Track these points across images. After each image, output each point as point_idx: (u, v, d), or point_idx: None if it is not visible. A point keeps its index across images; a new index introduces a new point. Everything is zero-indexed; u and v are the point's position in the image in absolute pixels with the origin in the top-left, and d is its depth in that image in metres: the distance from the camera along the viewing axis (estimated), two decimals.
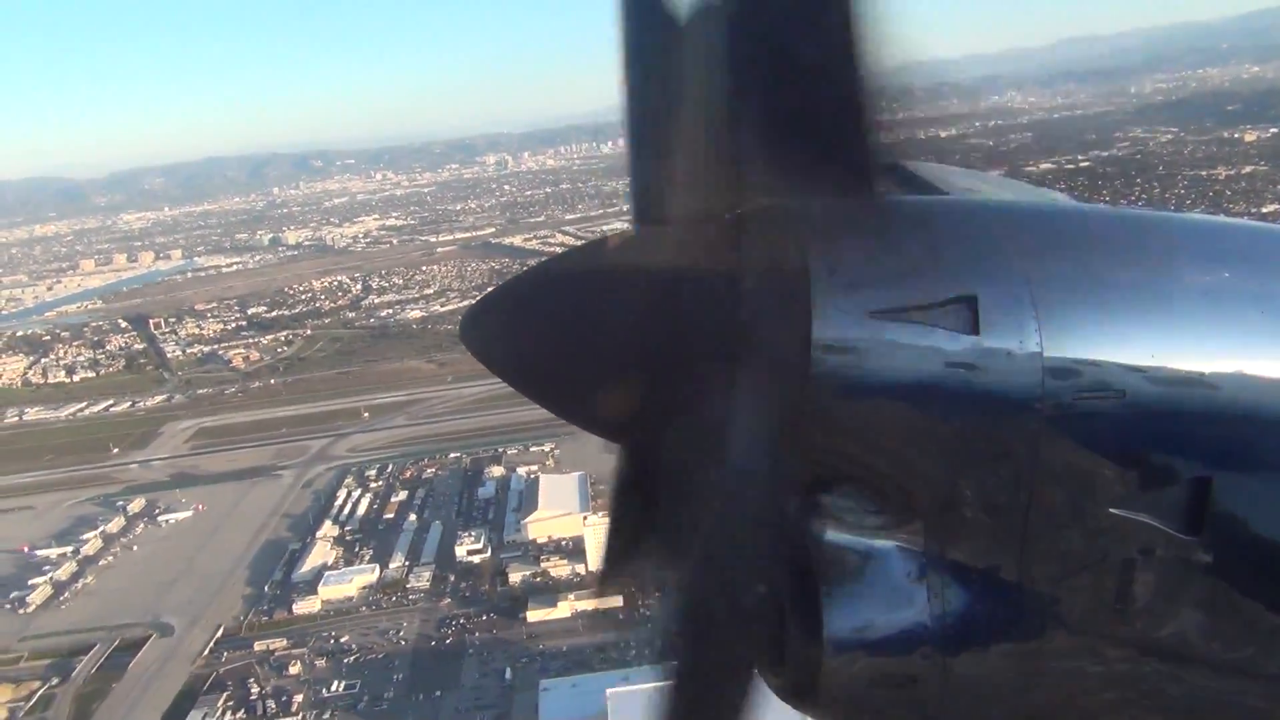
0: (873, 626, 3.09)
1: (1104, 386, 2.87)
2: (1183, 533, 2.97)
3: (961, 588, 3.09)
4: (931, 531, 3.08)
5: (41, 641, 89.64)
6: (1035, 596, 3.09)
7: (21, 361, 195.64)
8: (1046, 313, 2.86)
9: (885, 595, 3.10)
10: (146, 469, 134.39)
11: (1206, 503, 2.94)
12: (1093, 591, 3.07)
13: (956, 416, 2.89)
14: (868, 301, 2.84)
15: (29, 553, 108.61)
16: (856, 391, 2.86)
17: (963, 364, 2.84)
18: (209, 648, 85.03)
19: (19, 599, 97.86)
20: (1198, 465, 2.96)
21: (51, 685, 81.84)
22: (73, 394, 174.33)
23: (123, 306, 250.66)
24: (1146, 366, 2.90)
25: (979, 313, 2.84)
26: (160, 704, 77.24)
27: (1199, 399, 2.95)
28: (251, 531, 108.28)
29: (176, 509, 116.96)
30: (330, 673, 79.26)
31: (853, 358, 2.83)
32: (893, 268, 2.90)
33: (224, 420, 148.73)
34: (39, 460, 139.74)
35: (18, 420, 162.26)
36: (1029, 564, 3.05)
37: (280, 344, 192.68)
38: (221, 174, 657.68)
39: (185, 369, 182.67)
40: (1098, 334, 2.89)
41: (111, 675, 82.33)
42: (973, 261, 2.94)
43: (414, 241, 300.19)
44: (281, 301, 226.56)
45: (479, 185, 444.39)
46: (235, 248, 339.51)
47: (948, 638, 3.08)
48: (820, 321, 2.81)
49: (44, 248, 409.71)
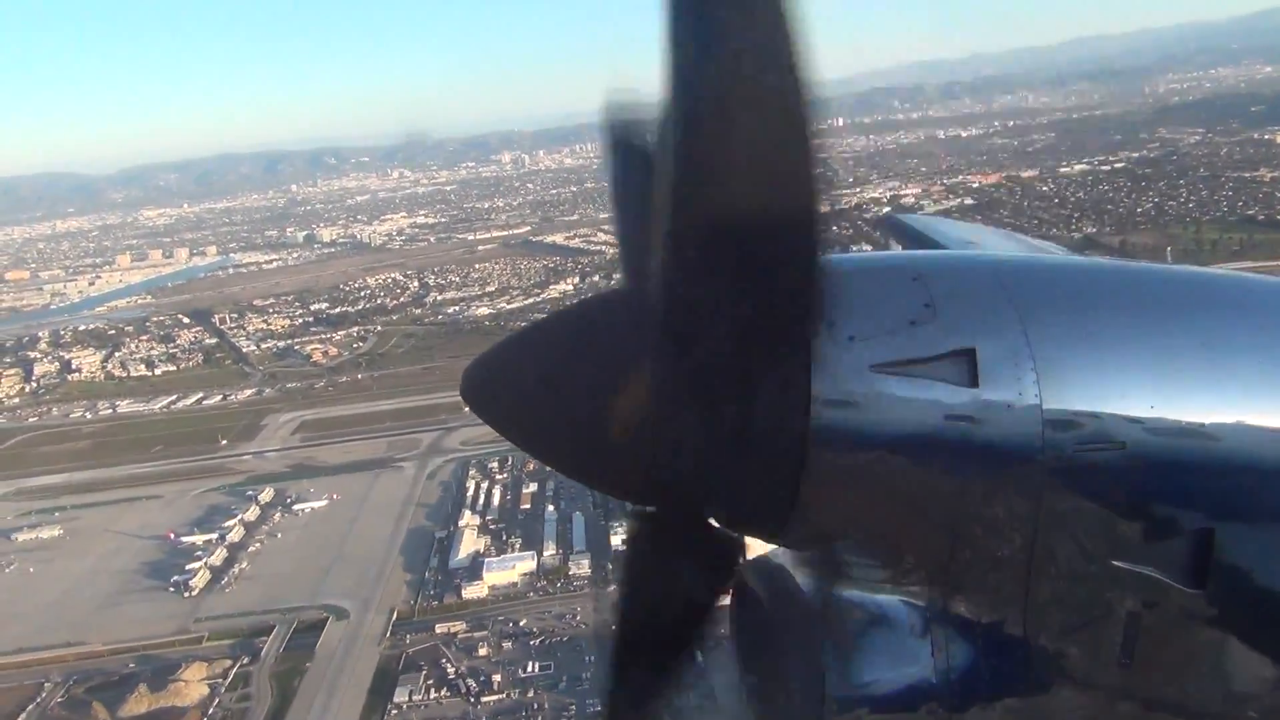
0: (877, 683, 3.10)
1: (1104, 438, 2.84)
2: (1187, 585, 2.92)
3: (966, 642, 3.08)
4: (935, 586, 3.07)
5: (216, 623, 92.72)
6: (1040, 650, 3.06)
7: (94, 356, 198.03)
8: (1045, 365, 2.86)
9: (890, 650, 3.11)
10: (261, 460, 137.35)
11: (1210, 554, 2.90)
12: (1098, 645, 3.03)
13: (958, 469, 2.87)
14: (868, 355, 2.87)
15: (175, 539, 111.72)
16: (858, 445, 2.86)
17: (963, 416, 2.83)
18: (389, 630, 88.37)
19: (181, 583, 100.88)
20: (1200, 516, 2.93)
21: (243, 664, 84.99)
22: (158, 387, 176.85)
23: (174, 302, 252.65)
24: (1146, 418, 2.87)
25: (978, 365, 2.85)
26: (360, 682, 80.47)
27: (1200, 450, 2.92)
28: (391, 520, 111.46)
29: (308, 498, 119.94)
30: (520, 654, 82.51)
31: (853, 412, 2.84)
32: (891, 321, 2.93)
33: (324, 414, 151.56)
34: (149, 451, 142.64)
35: (112, 413, 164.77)
36: (1033, 618, 3.01)
37: (354, 340, 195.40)
38: (235, 170, 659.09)
39: (265, 364, 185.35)
40: (1097, 386, 2.88)
41: (300, 655, 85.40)
42: (971, 314, 2.96)
43: (451, 239, 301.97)
44: (341, 298, 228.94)
45: (500, 184, 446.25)
46: (269, 244, 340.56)
47: (953, 693, 3.07)
48: (820, 376, 2.82)
49: (71, 243, 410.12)
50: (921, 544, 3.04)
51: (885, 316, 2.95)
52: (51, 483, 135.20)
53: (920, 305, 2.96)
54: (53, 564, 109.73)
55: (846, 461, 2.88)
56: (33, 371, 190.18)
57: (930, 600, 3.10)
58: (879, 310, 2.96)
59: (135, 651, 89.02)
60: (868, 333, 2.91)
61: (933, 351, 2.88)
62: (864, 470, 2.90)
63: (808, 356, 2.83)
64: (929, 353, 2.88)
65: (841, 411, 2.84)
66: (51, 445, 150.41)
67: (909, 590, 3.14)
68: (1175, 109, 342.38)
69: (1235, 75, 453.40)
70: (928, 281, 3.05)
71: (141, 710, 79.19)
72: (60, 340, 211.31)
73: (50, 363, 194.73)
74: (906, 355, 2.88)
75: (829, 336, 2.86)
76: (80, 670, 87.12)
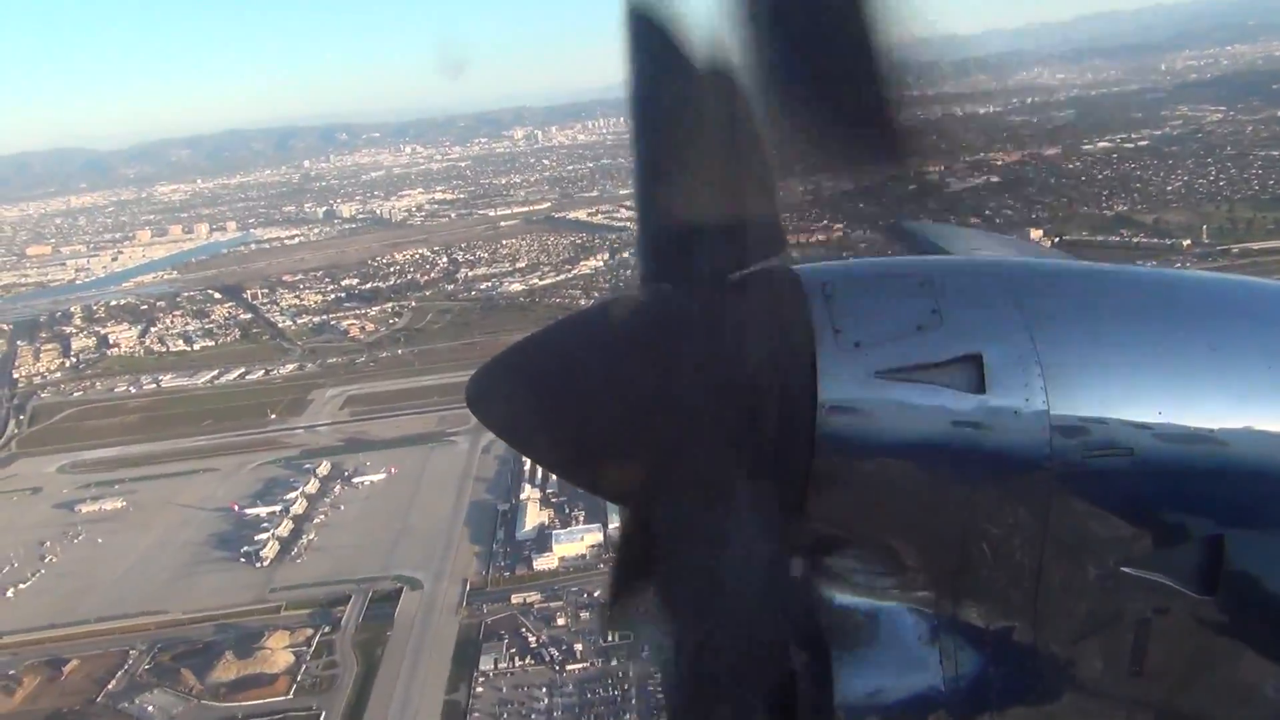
0: (885, 691, 3.06)
1: (1112, 444, 2.85)
2: (1197, 591, 2.91)
3: (974, 650, 3.04)
4: (943, 593, 3.04)
5: (292, 593, 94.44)
6: (1049, 658, 3.04)
7: (130, 331, 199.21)
8: (1052, 371, 2.87)
9: (897, 659, 3.07)
10: (313, 434, 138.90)
11: (1220, 560, 2.89)
12: (1108, 652, 3.02)
13: (964, 476, 2.88)
14: (874, 361, 2.89)
15: (239, 511, 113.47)
16: (863, 452, 2.87)
17: (969, 423, 2.84)
18: (464, 600, 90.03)
19: (252, 554, 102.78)
20: (1209, 523, 2.93)
21: (324, 633, 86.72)
22: (198, 362, 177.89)
23: (201, 277, 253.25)
24: (1154, 423, 2.87)
25: (985, 371, 2.86)
26: (443, 650, 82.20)
27: (1208, 456, 2.91)
28: (451, 493, 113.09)
29: (366, 472, 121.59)
30: (598, 624, 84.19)
31: (859, 418, 2.86)
32: (898, 327, 2.95)
33: (369, 389, 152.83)
34: (198, 425, 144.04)
35: (156, 387, 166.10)
36: (1042, 625, 2.99)
37: (389, 315, 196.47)
38: (247, 146, 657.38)
39: (302, 339, 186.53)
40: (1104, 391, 2.88)
41: (379, 624, 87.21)
42: (977, 320, 2.98)
43: (472, 215, 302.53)
44: (371, 274, 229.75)
45: (515, 160, 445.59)
46: (288, 220, 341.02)
47: (961, 701, 3.03)
48: (826, 382, 2.85)
49: (88, 219, 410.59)
50: (929, 551, 3.03)
51: (892, 322, 2.95)
52: (105, 456, 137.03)
53: (927, 311, 2.95)
54: (120, 535, 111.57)
55: (852, 468, 2.88)
56: (70, 346, 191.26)
57: (938, 608, 3.06)
58: (886, 316, 2.97)
59: (215, 620, 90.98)
60: (874, 338, 2.91)
61: (940, 357, 2.88)
62: (870, 476, 2.90)
63: (813, 363, 2.84)
64: (936, 358, 2.88)
65: (847, 417, 2.84)
66: (100, 419, 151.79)
67: (917, 598, 3.10)
68: (1194, 86, 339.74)
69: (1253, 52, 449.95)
70: (935, 287, 3.04)
71: (230, 677, 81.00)
72: (94, 315, 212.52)
73: (86, 338, 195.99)
74: (913, 361, 2.88)
75: (835, 341, 2.89)
76: (162, 639, 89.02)
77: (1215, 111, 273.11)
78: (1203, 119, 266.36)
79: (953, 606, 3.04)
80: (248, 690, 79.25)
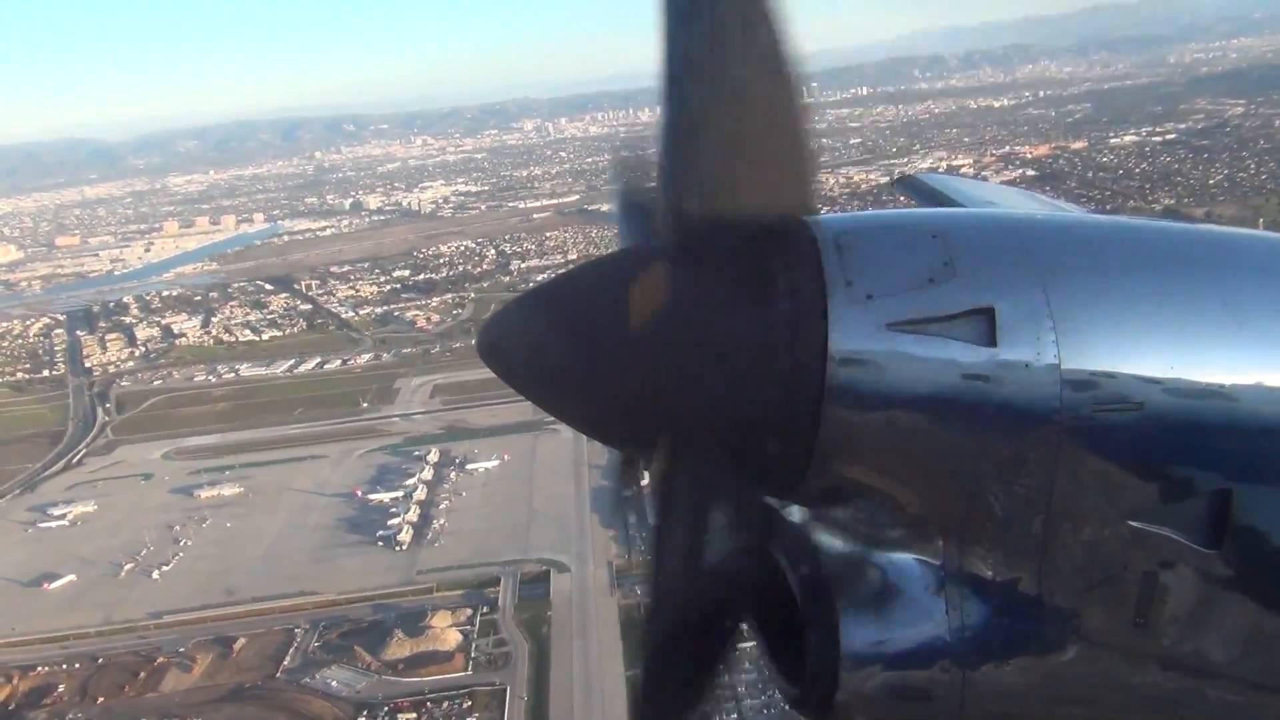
0: (891, 640, 3.12)
1: (1123, 398, 2.85)
2: (1203, 545, 2.93)
3: (980, 601, 3.10)
4: (950, 544, 3.10)
5: (440, 575, 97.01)
6: (1055, 610, 3.08)
7: (191, 321, 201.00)
8: (1064, 325, 2.86)
9: (904, 609, 3.13)
10: (410, 422, 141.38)
11: (1227, 515, 2.90)
12: (1113, 605, 3.05)
13: (974, 428, 2.89)
14: (885, 313, 2.88)
15: (362, 496, 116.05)
16: (874, 403, 2.88)
17: (980, 376, 2.84)
18: (614, 582, 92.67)
19: (387, 538, 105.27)
20: (1218, 477, 2.93)
21: (484, 613, 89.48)
22: (269, 352, 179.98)
23: (242, 269, 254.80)
24: (1165, 378, 2.87)
25: (996, 324, 2.86)
26: (610, 627, 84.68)
27: (1218, 411, 2.93)
28: (569, 480, 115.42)
29: (477, 459, 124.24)
30: None
31: (870, 370, 2.86)
32: (910, 279, 2.93)
33: (453, 378, 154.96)
34: (291, 414, 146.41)
35: (235, 376, 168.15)
36: (1048, 577, 3.04)
37: (451, 306, 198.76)
38: (254, 137, 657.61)
39: (368, 329, 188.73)
40: (1116, 346, 2.89)
41: (536, 604, 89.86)
42: (990, 273, 2.97)
43: (502, 207, 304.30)
44: (420, 265, 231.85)
45: (531, 152, 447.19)
46: (313, 211, 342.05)
47: (967, 651, 3.09)
48: (837, 333, 2.86)
49: (107, 209, 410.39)
50: (937, 503, 3.07)
51: (904, 274, 2.95)
52: (206, 443, 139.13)
53: (939, 263, 2.95)
54: (248, 519, 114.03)
55: (862, 419, 2.90)
56: (135, 336, 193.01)
57: (945, 559, 3.12)
58: (897, 268, 2.97)
59: (371, 601, 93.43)
60: (886, 290, 2.91)
61: (951, 310, 2.88)
62: (880, 428, 2.91)
63: (824, 313, 2.86)
64: (947, 311, 2.88)
65: (858, 369, 2.86)
66: (188, 407, 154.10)
67: (924, 549, 3.15)
68: (1207, 80, 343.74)
69: (1260, 45, 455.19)
70: (947, 239, 3.04)
71: (404, 654, 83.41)
72: (150, 306, 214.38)
73: (148, 327, 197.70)
74: (925, 313, 2.88)
75: (846, 293, 2.89)
76: (322, 618, 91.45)
77: (1235, 105, 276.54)
78: (1224, 113, 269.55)
79: (959, 558, 3.09)
80: (426, 666, 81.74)
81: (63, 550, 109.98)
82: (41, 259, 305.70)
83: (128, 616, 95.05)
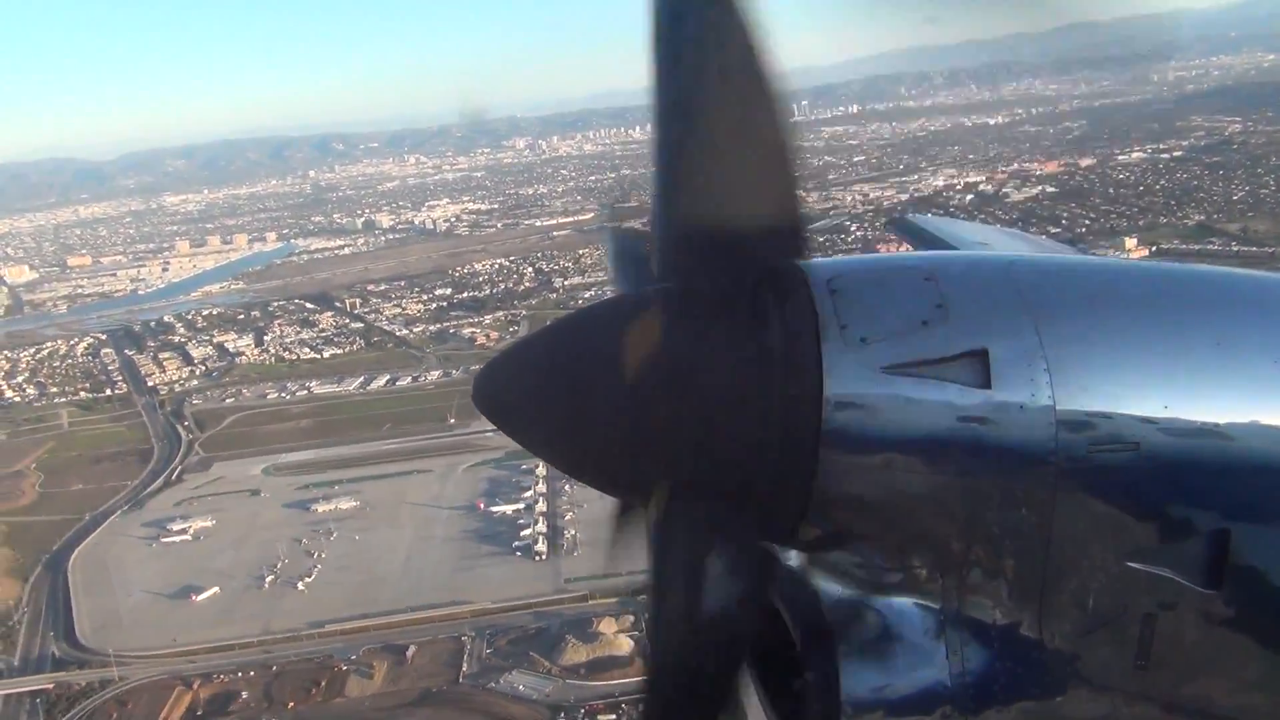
0: (892, 686, 3.11)
1: (1118, 439, 2.84)
2: (1203, 586, 2.90)
3: (981, 645, 3.08)
4: (949, 588, 3.06)
5: (589, 584, 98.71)
6: (1055, 653, 3.06)
7: (245, 340, 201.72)
8: (1058, 365, 2.86)
9: (904, 654, 3.11)
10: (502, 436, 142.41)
11: (1226, 555, 2.88)
12: (1113, 647, 3.02)
13: (970, 471, 2.88)
14: (879, 357, 2.88)
15: (484, 509, 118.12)
16: (870, 447, 2.88)
17: (975, 418, 2.83)
18: None
19: (524, 548, 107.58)
20: (1215, 517, 2.91)
21: None
22: (334, 369, 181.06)
23: (269, 287, 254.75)
24: (1160, 418, 2.86)
25: (990, 366, 2.85)
26: None
27: (1214, 450, 2.91)
28: None
29: None
30: None
31: (866, 413, 2.86)
32: (903, 322, 2.93)
33: None
34: (379, 430, 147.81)
35: (308, 393, 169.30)
36: (1048, 619, 3.02)
37: (504, 324, 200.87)
38: (243, 156, 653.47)
39: (427, 346, 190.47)
40: (1110, 386, 2.87)
41: None
42: (983, 315, 2.97)
43: (519, 225, 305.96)
44: (460, 283, 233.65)
45: (530, 170, 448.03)
46: (323, 230, 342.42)
47: (968, 696, 3.07)
48: (832, 377, 2.85)
49: (109, 229, 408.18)
50: (935, 546, 3.06)
51: (897, 317, 2.95)
52: (303, 459, 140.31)
53: (932, 306, 2.95)
54: (374, 532, 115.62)
55: (858, 463, 2.91)
56: (190, 356, 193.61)
57: (945, 603, 3.09)
58: (891, 311, 2.97)
59: (529, 609, 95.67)
60: (880, 333, 2.92)
61: (945, 352, 2.88)
62: (876, 472, 2.92)
63: (819, 357, 2.88)
64: (941, 354, 2.88)
65: (853, 413, 2.86)
66: (271, 424, 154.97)
67: (923, 593, 3.13)
68: (1195, 97, 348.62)
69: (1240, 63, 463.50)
70: (940, 282, 3.05)
71: (581, 659, 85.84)
72: (194, 325, 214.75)
73: (199, 346, 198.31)
74: (919, 356, 2.88)
75: (841, 337, 2.90)
76: (486, 626, 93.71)
77: (1233, 122, 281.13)
78: (1224, 129, 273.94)
79: (959, 601, 3.08)
80: (608, 670, 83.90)
81: (194, 564, 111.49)
82: (57, 279, 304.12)
83: (287, 627, 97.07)
